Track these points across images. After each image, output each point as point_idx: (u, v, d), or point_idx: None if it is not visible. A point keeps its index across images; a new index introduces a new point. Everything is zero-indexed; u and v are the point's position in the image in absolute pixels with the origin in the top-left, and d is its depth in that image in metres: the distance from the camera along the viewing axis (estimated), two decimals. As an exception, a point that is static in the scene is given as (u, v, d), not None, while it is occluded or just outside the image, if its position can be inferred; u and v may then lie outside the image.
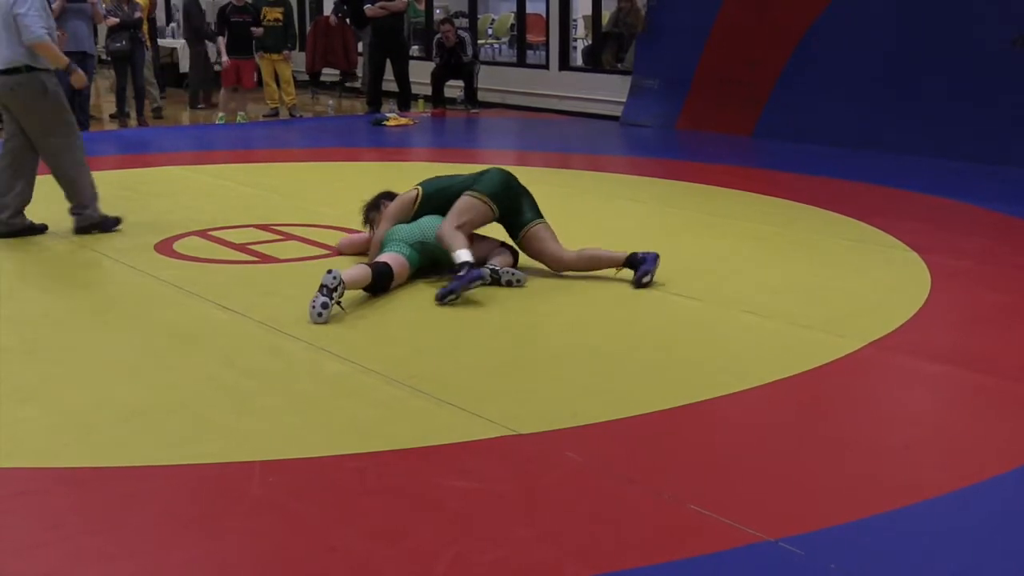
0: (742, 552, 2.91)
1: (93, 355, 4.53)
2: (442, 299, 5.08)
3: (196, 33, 14.39)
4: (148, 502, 3.22)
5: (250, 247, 6.35)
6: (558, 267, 5.59)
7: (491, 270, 5.38)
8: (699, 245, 6.51)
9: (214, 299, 5.24)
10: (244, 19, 12.70)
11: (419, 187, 5.69)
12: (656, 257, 5.41)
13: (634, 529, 3.05)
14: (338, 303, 4.87)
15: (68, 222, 6.73)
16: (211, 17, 14.36)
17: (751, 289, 5.45)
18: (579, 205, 7.83)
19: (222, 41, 12.80)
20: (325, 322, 4.80)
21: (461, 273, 5.08)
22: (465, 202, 5.43)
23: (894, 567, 2.86)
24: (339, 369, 4.32)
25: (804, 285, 5.61)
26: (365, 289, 5.10)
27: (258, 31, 12.84)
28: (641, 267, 5.37)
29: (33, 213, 6.70)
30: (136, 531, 3.05)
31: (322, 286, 4.84)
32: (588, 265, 5.58)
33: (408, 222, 5.59)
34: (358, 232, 6.23)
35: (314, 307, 4.81)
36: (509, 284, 5.41)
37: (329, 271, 4.89)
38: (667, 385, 4.16)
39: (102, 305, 5.24)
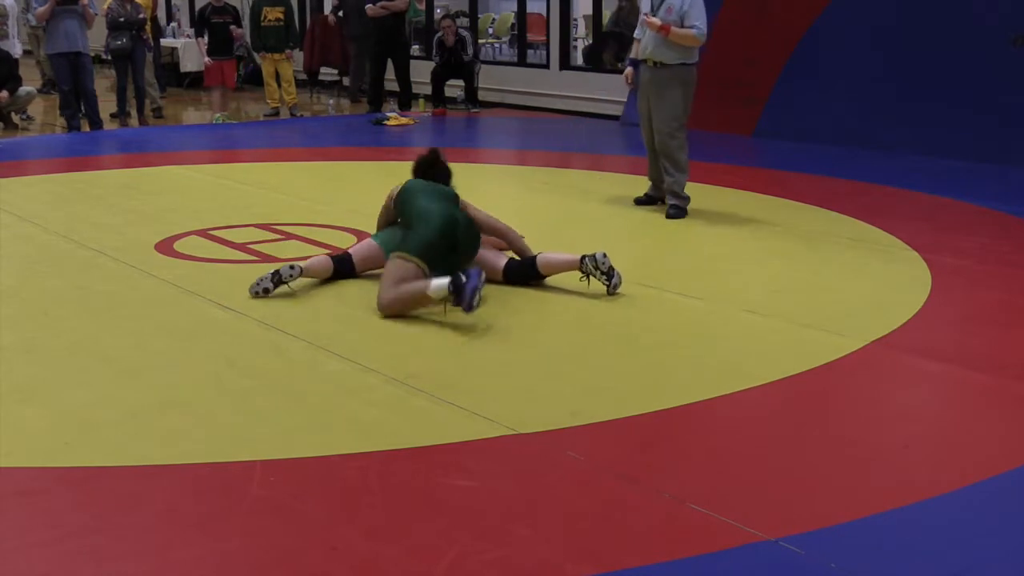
0: (742, 552, 2.91)
1: (93, 355, 4.53)
2: (469, 309, 4.76)
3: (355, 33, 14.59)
4: (148, 502, 3.22)
5: (250, 246, 6.35)
6: None
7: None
8: (699, 244, 6.51)
9: (214, 298, 5.24)
10: (224, 20, 12.71)
11: (394, 189, 5.60)
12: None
13: (634, 529, 3.06)
14: (284, 283, 5.26)
15: (71, 226, 6.71)
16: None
17: (751, 288, 5.45)
18: (579, 205, 7.84)
19: (202, 42, 12.81)
20: (258, 299, 5.20)
21: (461, 288, 4.73)
22: (394, 265, 5.06)
23: (894, 566, 2.86)
24: (339, 368, 4.32)
25: (805, 284, 5.61)
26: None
27: (238, 32, 12.85)
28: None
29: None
30: (136, 531, 3.05)
31: (276, 272, 5.22)
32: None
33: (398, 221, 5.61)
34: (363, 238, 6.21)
35: (256, 285, 5.22)
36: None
37: (292, 266, 5.28)
38: (667, 385, 4.16)
39: (102, 305, 5.23)
